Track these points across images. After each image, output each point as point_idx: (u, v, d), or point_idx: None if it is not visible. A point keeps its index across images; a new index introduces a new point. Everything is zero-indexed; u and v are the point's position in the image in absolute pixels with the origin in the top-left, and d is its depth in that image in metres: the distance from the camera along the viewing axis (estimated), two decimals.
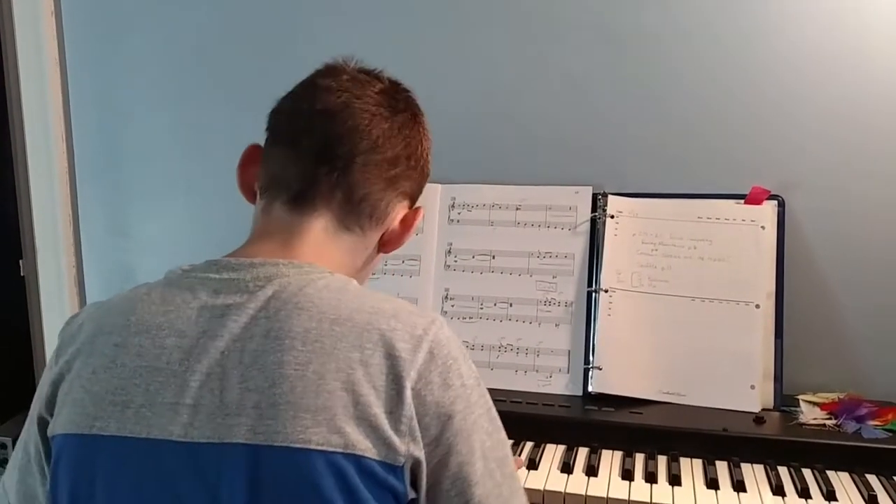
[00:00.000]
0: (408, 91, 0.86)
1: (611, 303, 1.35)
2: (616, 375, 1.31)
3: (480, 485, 0.69)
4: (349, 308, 0.69)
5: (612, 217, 1.40)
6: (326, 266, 0.76)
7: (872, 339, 1.39)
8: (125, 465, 0.67)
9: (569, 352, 1.37)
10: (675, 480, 1.10)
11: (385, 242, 0.84)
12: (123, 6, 1.74)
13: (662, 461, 1.16)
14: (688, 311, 1.33)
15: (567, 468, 1.14)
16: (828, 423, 1.22)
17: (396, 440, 0.66)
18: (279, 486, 0.64)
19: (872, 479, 1.11)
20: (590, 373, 1.33)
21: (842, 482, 1.10)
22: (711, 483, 1.09)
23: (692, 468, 1.14)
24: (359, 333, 0.68)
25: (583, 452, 1.19)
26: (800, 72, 1.39)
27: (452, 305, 1.44)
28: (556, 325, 1.38)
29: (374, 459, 0.65)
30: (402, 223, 0.84)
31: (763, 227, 1.34)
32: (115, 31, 1.75)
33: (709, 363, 1.30)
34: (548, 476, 1.12)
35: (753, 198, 1.36)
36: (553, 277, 1.41)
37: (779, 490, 1.07)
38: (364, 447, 0.65)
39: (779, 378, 1.29)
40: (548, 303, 1.40)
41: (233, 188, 0.84)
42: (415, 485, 0.69)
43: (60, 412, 0.71)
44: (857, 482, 1.10)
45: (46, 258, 1.81)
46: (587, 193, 1.43)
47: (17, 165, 1.77)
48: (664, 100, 1.46)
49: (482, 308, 1.43)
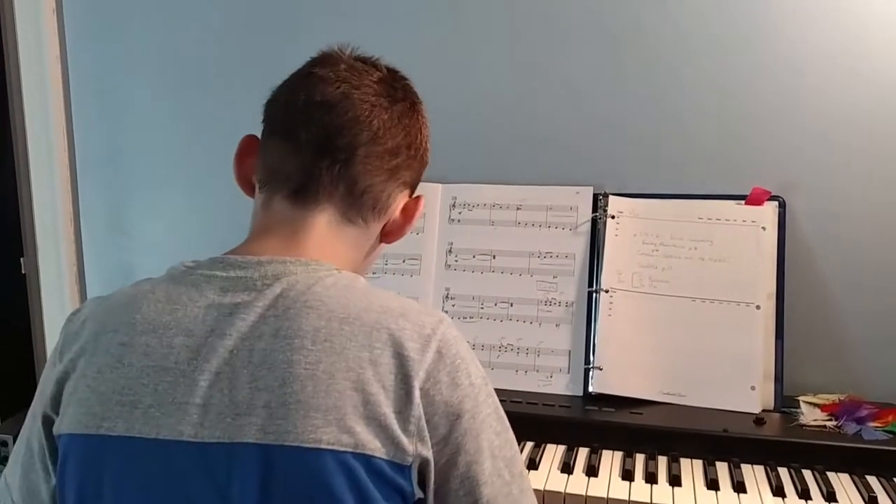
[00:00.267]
0: (406, 79, 0.84)
1: (611, 303, 1.35)
2: (616, 376, 1.31)
3: (489, 484, 0.69)
4: (358, 307, 0.69)
5: (613, 217, 1.40)
6: (331, 261, 0.75)
7: (873, 341, 1.39)
8: (133, 466, 0.67)
9: (569, 352, 1.37)
10: (676, 481, 1.10)
11: (387, 233, 0.83)
12: (126, 4, 1.73)
13: (663, 462, 1.16)
14: (688, 312, 1.32)
15: (567, 468, 1.14)
16: (828, 425, 1.22)
17: (405, 440, 0.66)
18: (290, 486, 0.64)
19: (873, 481, 1.11)
20: (590, 373, 1.33)
21: (842, 483, 1.10)
22: (712, 484, 1.09)
23: (692, 469, 1.14)
24: (368, 333, 0.68)
25: (583, 453, 1.19)
26: (801, 73, 1.39)
27: (453, 305, 1.44)
28: (557, 325, 1.38)
29: (383, 459, 0.65)
30: (404, 213, 0.83)
31: (764, 228, 1.34)
32: (117, 27, 1.75)
33: (709, 364, 1.30)
34: (548, 476, 1.12)
35: (754, 199, 1.36)
36: (554, 277, 1.41)
37: (779, 491, 1.07)
38: (374, 447, 0.65)
39: (779, 379, 1.29)
40: (548, 303, 1.40)
41: (234, 187, 0.84)
42: (422, 484, 0.69)
43: (66, 411, 0.70)
44: (858, 483, 1.10)
45: (47, 256, 1.81)
46: (588, 194, 1.43)
47: (18, 162, 1.77)
48: (665, 100, 1.46)
49: (483, 308, 1.43)
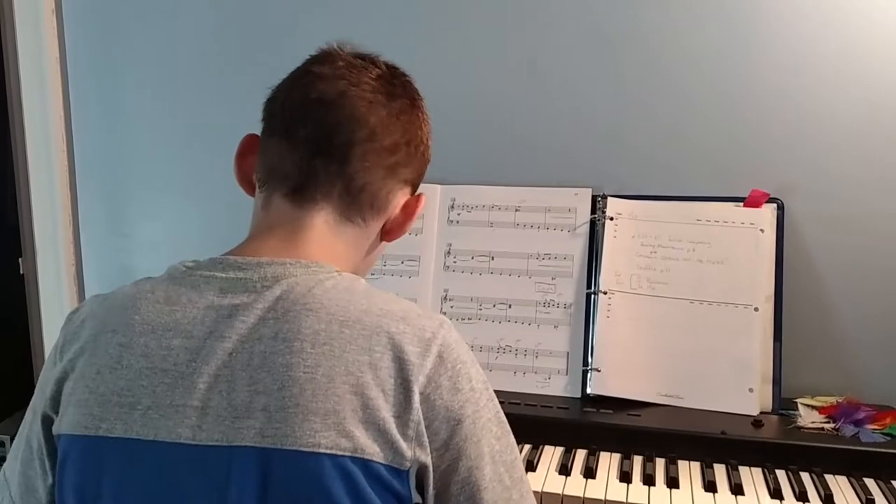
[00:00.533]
0: (406, 76, 0.83)
1: (610, 305, 1.35)
2: (615, 377, 1.31)
3: (489, 490, 0.69)
4: (358, 309, 0.69)
5: (612, 219, 1.40)
6: (331, 260, 0.75)
7: (871, 343, 1.39)
8: (132, 468, 0.67)
9: (567, 353, 1.37)
10: (673, 483, 1.10)
11: (388, 231, 0.82)
12: (124, 5, 1.74)
13: (660, 464, 1.16)
14: (686, 314, 1.33)
15: (565, 470, 1.14)
16: (826, 427, 1.22)
17: (403, 444, 0.66)
18: (289, 490, 0.64)
19: (870, 483, 1.11)
20: (588, 374, 1.33)
21: (840, 486, 1.10)
22: (709, 486, 1.09)
23: (690, 471, 1.14)
24: (367, 336, 0.67)
25: (581, 454, 1.19)
26: (799, 75, 1.39)
27: (451, 306, 1.44)
28: (555, 327, 1.38)
29: (381, 463, 0.65)
30: (404, 210, 0.82)
31: (762, 231, 1.34)
32: (116, 30, 1.75)
33: (707, 366, 1.30)
34: (546, 478, 1.12)
35: (753, 201, 1.36)
36: (552, 279, 1.41)
37: (777, 493, 1.07)
38: (372, 451, 0.65)
39: (777, 381, 1.29)
40: (547, 304, 1.40)
41: (233, 188, 0.83)
42: (420, 489, 0.68)
43: (66, 411, 0.70)
44: (855, 486, 1.10)
45: (46, 257, 1.81)
46: (586, 195, 1.43)
47: (18, 164, 1.77)
48: (664, 102, 1.46)
49: (481, 309, 1.43)
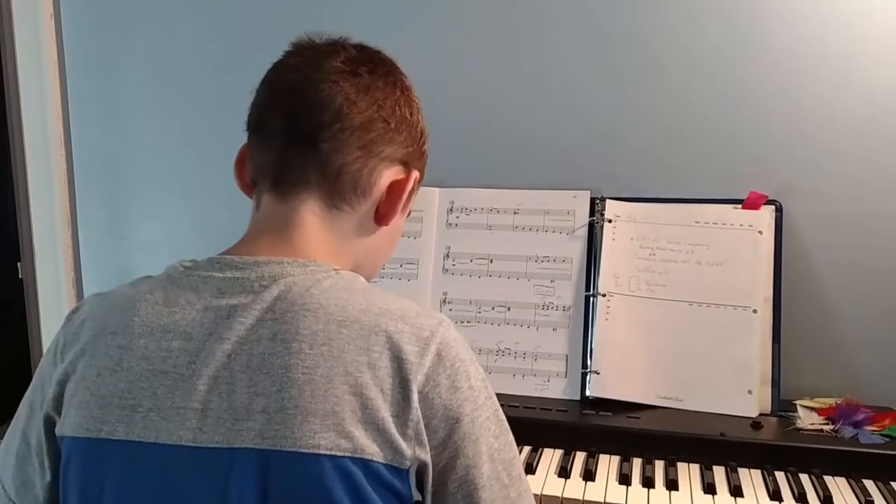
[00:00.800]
0: (379, 53, 0.81)
1: (608, 307, 1.35)
2: (613, 380, 1.31)
3: (487, 488, 0.69)
4: (356, 309, 0.68)
5: (610, 221, 1.40)
6: (328, 255, 0.75)
7: (870, 344, 1.39)
8: (134, 470, 0.67)
9: (566, 356, 1.37)
10: (673, 485, 1.10)
11: (382, 215, 0.79)
12: (122, 9, 1.74)
13: (660, 466, 1.16)
14: (685, 316, 1.33)
15: (564, 472, 1.14)
16: (825, 429, 1.22)
17: (403, 444, 0.66)
18: (289, 491, 0.64)
19: (869, 485, 1.11)
20: (587, 377, 1.33)
21: (839, 487, 1.10)
22: (709, 488, 1.09)
23: (689, 473, 1.14)
24: (366, 336, 0.67)
25: (580, 457, 1.19)
26: (798, 76, 1.39)
27: (450, 309, 1.44)
28: (554, 330, 1.38)
29: (381, 463, 0.65)
30: (390, 190, 0.79)
31: (761, 233, 1.34)
32: (115, 34, 1.75)
33: (706, 368, 1.30)
34: (545, 480, 1.12)
35: (751, 203, 1.36)
36: (551, 281, 1.41)
37: (776, 495, 1.07)
38: (372, 451, 0.65)
39: (776, 383, 1.29)
40: (546, 307, 1.40)
41: (231, 189, 0.84)
42: (420, 487, 0.68)
43: (68, 413, 0.70)
44: (854, 487, 1.10)
45: (45, 260, 1.81)
46: (585, 198, 1.43)
47: (16, 167, 1.77)
48: (663, 105, 1.46)
49: (480, 312, 1.43)
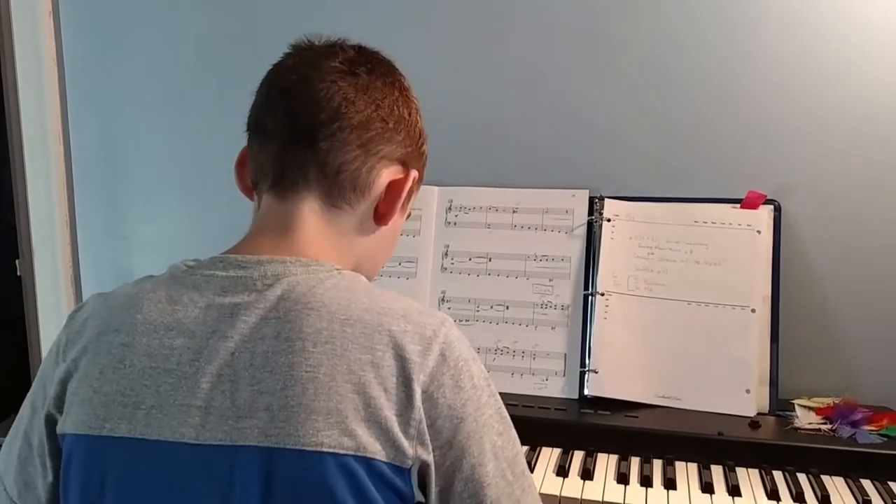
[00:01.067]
0: (377, 55, 0.82)
1: (607, 306, 1.36)
2: (612, 379, 1.32)
3: (493, 486, 0.69)
4: (359, 308, 0.69)
5: (609, 220, 1.40)
6: (329, 255, 0.75)
7: (868, 344, 1.39)
8: (136, 467, 0.67)
9: (565, 355, 1.37)
10: (671, 484, 1.10)
11: (381, 214, 0.80)
12: (121, 6, 1.74)
13: (658, 465, 1.16)
14: (684, 315, 1.33)
15: (562, 471, 1.14)
16: (823, 428, 1.22)
17: (405, 443, 0.66)
18: (292, 489, 0.64)
19: (867, 484, 1.11)
20: (586, 376, 1.33)
21: (836, 487, 1.10)
22: (706, 487, 1.09)
23: (687, 472, 1.14)
24: (369, 335, 0.67)
25: (578, 456, 1.19)
26: (796, 76, 1.39)
27: (449, 307, 1.44)
28: (553, 328, 1.39)
29: (384, 462, 0.65)
30: (389, 190, 0.79)
31: (759, 232, 1.34)
32: (114, 32, 1.75)
33: (704, 367, 1.30)
34: (543, 479, 1.12)
35: (750, 202, 1.36)
36: (549, 280, 1.41)
37: (773, 494, 1.07)
38: (374, 450, 0.65)
39: (774, 382, 1.29)
40: (544, 305, 1.40)
41: (230, 189, 0.84)
42: (422, 486, 0.69)
43: (70, 411, 0.70)
44: (852, 487, 1.10)
45: (43, 259, 1.81)
46: (584, 197, 1.43)
47: (15, 166, 1.77)
48: (661, 104, 1.46)
49: (478, 310, 1.43)
